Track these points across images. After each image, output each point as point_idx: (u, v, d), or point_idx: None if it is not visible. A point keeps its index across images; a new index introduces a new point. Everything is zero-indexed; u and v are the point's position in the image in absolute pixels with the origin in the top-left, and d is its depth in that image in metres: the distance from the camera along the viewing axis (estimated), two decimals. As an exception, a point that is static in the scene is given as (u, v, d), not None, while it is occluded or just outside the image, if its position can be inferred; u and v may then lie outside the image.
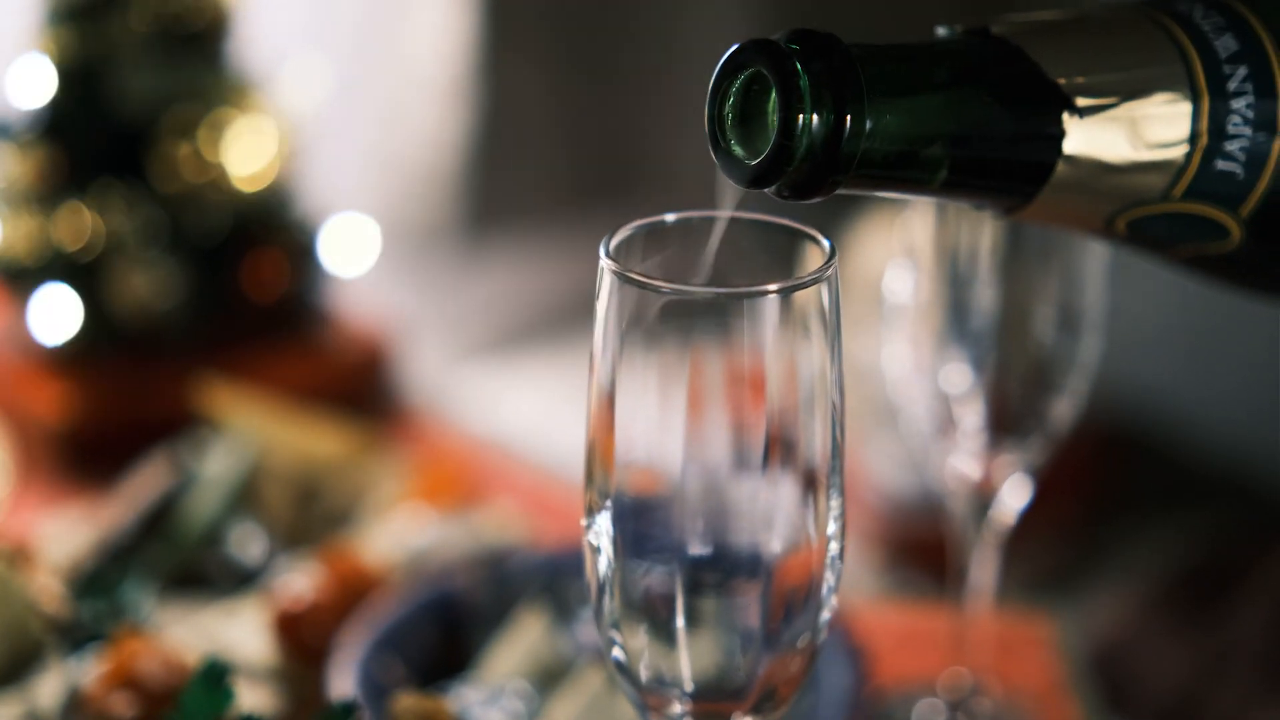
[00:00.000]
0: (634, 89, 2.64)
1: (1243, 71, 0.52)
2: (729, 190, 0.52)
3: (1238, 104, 0.52)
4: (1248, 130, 0.52)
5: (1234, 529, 1.92)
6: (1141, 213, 0.53)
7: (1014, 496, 0.80)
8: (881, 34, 0.55)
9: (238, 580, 0.92)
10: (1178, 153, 0.52)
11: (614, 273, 0.52)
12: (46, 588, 0.86)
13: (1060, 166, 0.51)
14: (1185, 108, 0.52)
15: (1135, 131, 0.52)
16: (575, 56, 2.59)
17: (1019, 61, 0.51)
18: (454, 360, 2.27)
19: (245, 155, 1.19)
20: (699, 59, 2.47)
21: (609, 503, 0.53)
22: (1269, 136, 0.52)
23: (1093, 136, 0.51)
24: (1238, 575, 1.65)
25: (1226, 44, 0.52)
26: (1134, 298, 1.99)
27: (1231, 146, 0.52)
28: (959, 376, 0.77)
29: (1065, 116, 0.51)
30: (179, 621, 0.87)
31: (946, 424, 0.79)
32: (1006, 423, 0.78)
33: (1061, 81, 0.51)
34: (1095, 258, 0.76)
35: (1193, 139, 0.52)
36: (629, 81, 2.62)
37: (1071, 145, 0.51)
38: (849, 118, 0.49)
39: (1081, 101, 0.51)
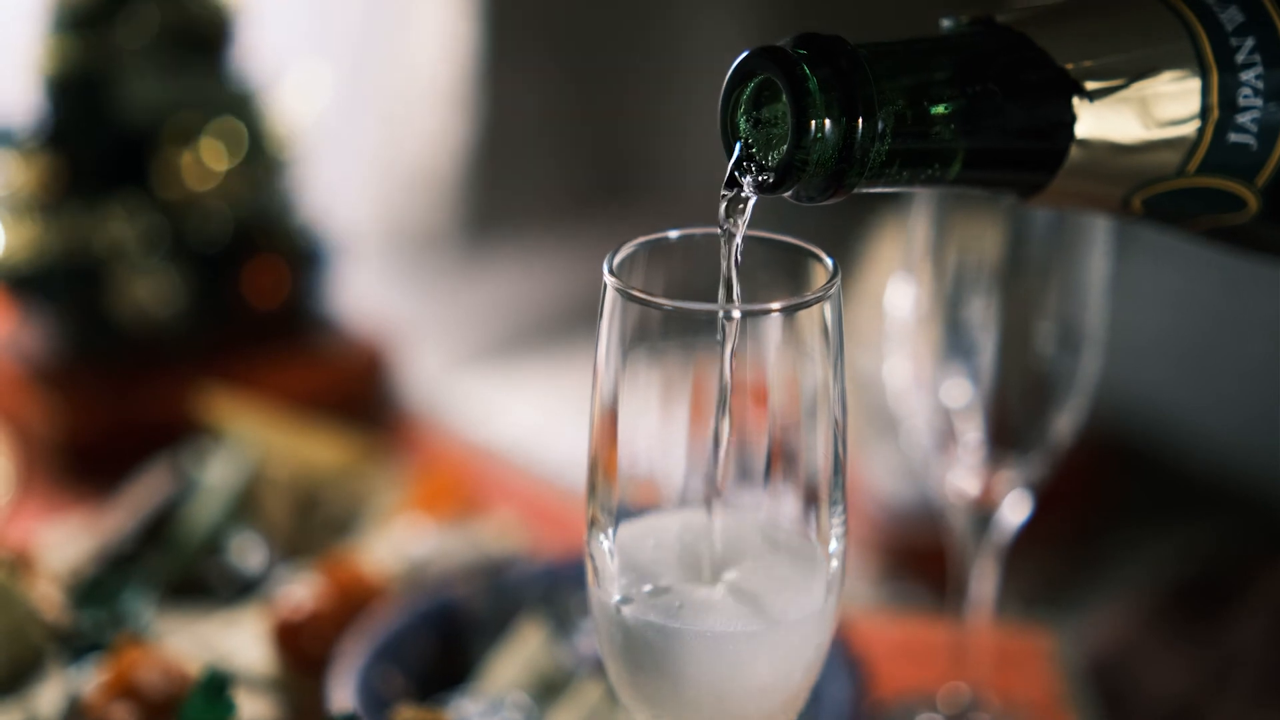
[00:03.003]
0: (634, 96, 2.64)
1: (1250, 43, 0.52)
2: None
3: (1247, 75, 0.52)
4: (1259, 101, 0.52)
5: (1232, 541, 1.92)
6: (1157, 190, 0.53)
7: (1014, 511, 0.80)
8: (887, 27, 0.54)
9: (238, 589, 0.92)
10: (1190, 129, 0.52)
11: (617, 289, 0.52)
12: (47, 596, 0.86)
13: (1074, 151, 0.52)
14: (1195, 83, 0.52)
15: (1146, 111, 0.52)
16: (575, 64, 2.59)
17: (1026, 49, 0.51)
18: (453, 367, 2.27)
19: (246, 162, 1.19)
20: (700, 66, 2.48)
21: (611, 517, 0.54)
22: None
23: (1104, 119, 0.51)
24: (1236, 587, 1.65)
25: (1232, 16, 0.52)
26: (1132, 311, 1.99)
27: (1243, 118, 0.52)
28: (959, 391, 0.77)
29: (1076, 101, 0.51)
30: (179, 630, 0.87)
31: (947, 438, 0.79)
32: (1007, 437, 0.78)
33: (1070, 67, 0.51)
34: (1095, 273, 0.76)
35: (1204, 114, 0.52)
36: (629, 89, 2.63)
37: (1084, 129, 0.51)
38: (860, 119, 0.49)
39: (1091, 85, 0.51)
